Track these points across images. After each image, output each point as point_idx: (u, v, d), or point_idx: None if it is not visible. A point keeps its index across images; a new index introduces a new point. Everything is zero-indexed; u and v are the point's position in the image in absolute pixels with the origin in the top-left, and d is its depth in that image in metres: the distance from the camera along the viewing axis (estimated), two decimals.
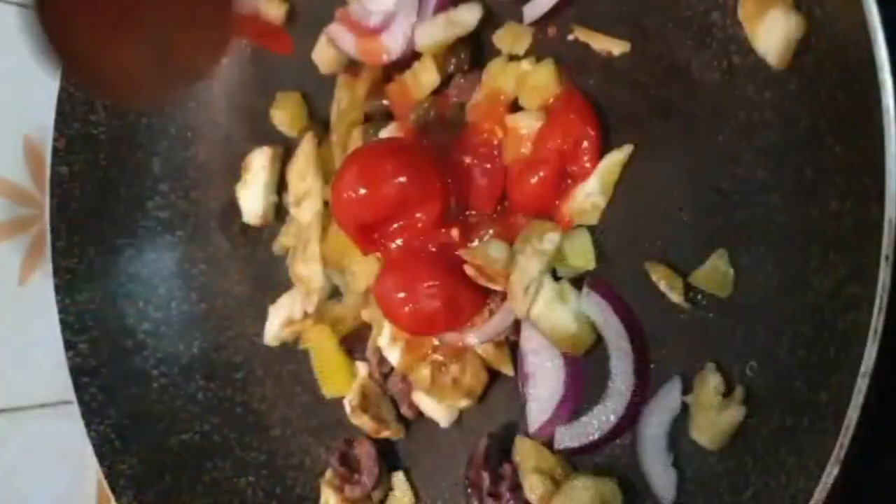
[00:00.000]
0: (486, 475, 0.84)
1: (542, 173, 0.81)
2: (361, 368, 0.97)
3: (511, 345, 0.86)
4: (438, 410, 0.91)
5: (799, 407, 0.64)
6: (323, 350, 0.97)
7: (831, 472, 0.56)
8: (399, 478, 0.94)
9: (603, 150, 0.80)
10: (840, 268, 0.63)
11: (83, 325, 1.05)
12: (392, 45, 0.90)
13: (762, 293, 0.70)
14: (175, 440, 1.05)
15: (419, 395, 0.92)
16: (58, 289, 1.04)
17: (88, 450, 1.01)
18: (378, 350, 0.93)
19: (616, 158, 0.79)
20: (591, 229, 0.81)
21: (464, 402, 0.88)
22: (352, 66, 0.97)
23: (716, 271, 0.73)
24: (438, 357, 0.88)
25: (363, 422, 0.94)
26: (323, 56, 0.98)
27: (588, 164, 0.80)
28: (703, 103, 0.74)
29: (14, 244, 1.13)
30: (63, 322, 1.04)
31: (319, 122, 1.02)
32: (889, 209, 0.53)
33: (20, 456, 1.12)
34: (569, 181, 0.82)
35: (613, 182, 0.80)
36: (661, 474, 0.75)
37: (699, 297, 0.74)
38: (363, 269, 0.93)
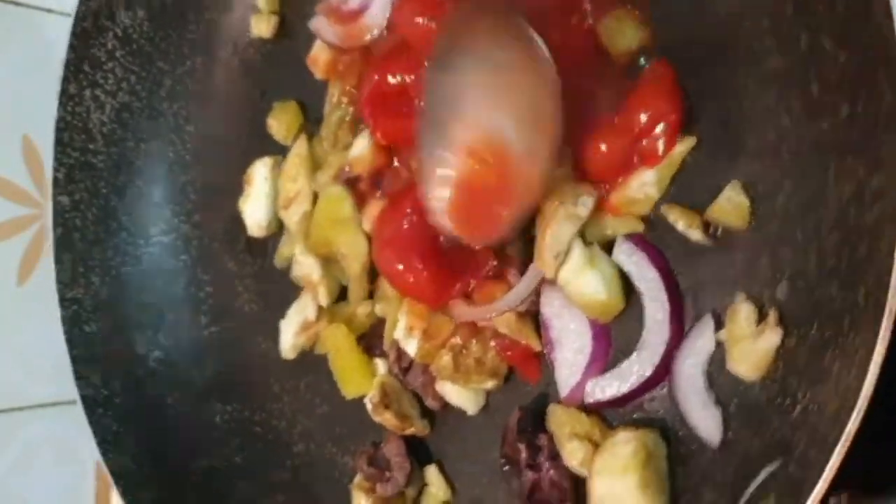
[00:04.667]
0: (522, 447, 0.81)
1: (616, 142, 0.78)
2: (380, 366, 0.95)
3: (534, 317, 0.84)
4: (465, 397, 0.89)
5: (837, 313, 0.63)
6: (340, 350, 0.95)
7: (881, 353, 0.55)
8: (432, 471, 0.92)
9: None
10: (860, 169, 0.63)
11: (93, 357, 1.02)
12: (372, 23, 0.92)
13: (782, 216, 0.70)
14: (196, 466, 1.02)
15: (443, 385, 0.90)
16: (64, 320, 1.01)
17: (88, 450, 0.99)
18: (395, 343, 0.92)
19: (677, 150, 0.77)
20: None
21: (490, 384, 0.87)
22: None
23: (731, 203, 0.73)
24: (458, 341, 0.87)
25: (385, 419, 0.92)
26: (317, 61, 0.99)
27: (662, 147, 0.76)
28: (703, 40, 0.76)
29: (13, 244, 1.12)
30: (72, 354, 1.01)
31: (314, 123, 1.02)
32: None
33: (20, 456, 1.10)
34: (635, 159, 0.78)
35: (671, 175, 0.77)
36: (703, 415, 0.74)
37: (719, 231, 0.75)
38: (352, 251, 0.93)
